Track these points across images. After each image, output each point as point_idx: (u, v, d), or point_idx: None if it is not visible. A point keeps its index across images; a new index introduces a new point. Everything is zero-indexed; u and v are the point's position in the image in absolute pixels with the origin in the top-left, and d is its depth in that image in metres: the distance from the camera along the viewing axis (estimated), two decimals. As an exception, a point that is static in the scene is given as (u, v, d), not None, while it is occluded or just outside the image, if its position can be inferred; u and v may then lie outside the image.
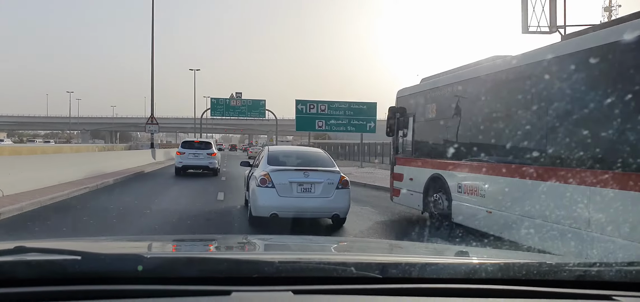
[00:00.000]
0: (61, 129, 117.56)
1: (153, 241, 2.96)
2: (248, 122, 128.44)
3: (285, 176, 7.76)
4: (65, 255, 1.41)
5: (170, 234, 7.12)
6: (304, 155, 8.94)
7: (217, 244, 2.59)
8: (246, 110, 53.58)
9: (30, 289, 1.29)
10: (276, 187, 7.67)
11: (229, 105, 53.21)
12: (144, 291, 1.31)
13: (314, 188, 7.77)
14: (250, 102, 52.97)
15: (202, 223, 8.67)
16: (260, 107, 53.27)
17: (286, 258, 1.63)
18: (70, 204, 10.51)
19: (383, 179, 16.41)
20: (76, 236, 6.92)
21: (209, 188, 14.88)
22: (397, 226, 9.20)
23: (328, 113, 33.43)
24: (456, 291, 1.41)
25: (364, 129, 33.54)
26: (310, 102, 33.82)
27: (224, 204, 11.59)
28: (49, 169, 13.67)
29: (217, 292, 1.32)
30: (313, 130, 34.54)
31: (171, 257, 1.83)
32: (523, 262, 1.58)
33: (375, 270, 1.45)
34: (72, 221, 8.69)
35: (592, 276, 1.48)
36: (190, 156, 20.45)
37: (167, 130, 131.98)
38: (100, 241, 2.69)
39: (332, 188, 7.79)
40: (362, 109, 33.61)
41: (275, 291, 1.34)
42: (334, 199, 7.77)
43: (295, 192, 7.72)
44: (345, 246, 2.99)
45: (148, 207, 10.67)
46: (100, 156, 22.72)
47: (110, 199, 11.83)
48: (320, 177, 7.82)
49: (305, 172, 7.85)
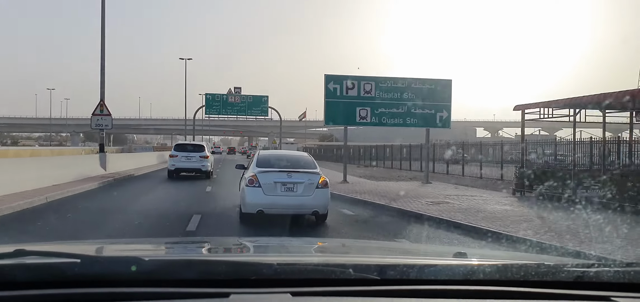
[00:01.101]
0: (48, 131, 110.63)
1: (152, 244, 2.94)
2: (248, 123, 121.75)
3: (270, 176, 8.72)
4: (64, 258, 1.43)
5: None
6: (290, 158, 10.03)
7: (216, 246, 2.59)
8: (246, 108, 46.63)
9: (30, 292, 1.31)
10: (262, 187, 8.61)
11: (227, 102, 46.25)
12: (143, 294, 1.33)
13: (296, 187, 8.75)
14: (250, 99, 45.96)
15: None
16: (262, 105, 46.31)
17: (285, 260, 1.68)
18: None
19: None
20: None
21: (180, 208, 11.69)
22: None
23: (375, 96, 19.46)
24: (454, 292, 1.42)
25: (434, 122, 19.92)
26: (350, 78, 19.50)
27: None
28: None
29: (216, 295, 1.34)
30: (353, 124, 20.41)
31: (170, 259, 1.85)
32: (521, 264, 1.59)
33: (374, 272, 1.46)
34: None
35: (591, 277, 1.49)
36: (182, 159, 20.49)
37: (164, 132, 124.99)
38: (99, 244, 2.73)
39: (312, 187, 8.77)
40: (432, 90, 19.78)
41: (274, 293, 1.36)
42: (314, 197, 8.76)
43: (279, 191, 8.68)
44: (344, 247, 2.95)
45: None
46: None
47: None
48: (302, 177, 8.81)
49: (288, 173, 8.84)
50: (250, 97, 47.34)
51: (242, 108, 47.13)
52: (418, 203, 11.48)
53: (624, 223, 8.38)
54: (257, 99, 47.50)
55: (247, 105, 46.88)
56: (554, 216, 9.47)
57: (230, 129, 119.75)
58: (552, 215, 9.57)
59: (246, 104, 46.73)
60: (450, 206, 11.13)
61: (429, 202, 11.70)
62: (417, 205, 11.19)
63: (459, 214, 9.71)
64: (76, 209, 10.93)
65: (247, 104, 46.84)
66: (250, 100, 46.89)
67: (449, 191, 15.14)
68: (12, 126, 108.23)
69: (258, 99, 47.55)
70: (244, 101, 46.87)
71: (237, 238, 6.30)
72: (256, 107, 46.88)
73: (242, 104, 46.79)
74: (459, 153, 24.54)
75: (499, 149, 21.95)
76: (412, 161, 31.34)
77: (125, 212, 10.90)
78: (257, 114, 47.13)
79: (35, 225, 8.93)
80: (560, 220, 8.77)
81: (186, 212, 10.21)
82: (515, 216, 9.53)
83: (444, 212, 10.06)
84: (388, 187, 16.41)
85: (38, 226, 8.91)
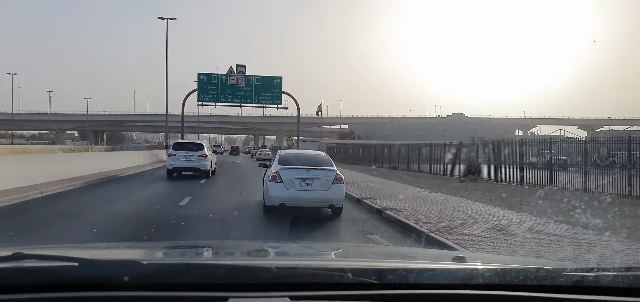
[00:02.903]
0: (31, 128, 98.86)
1: (150, 248, 2.99)
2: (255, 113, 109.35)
3: (291, 173, 9.91)
4: (62, 261, 1.47)
5: None
6: (308, 157, 11.24)
7: (215, 250, 2.60)
8: (252, 94, 33.41)
9: (29, 295, 1.35)
10: (284, 182, 9.80)
11: (226, 85, 33.16)
12: (142, 298, 1.37)
13: (314, 183, 9.91)
14: (258, 81, 32.68)
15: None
16: (273, 89, 32.97)
17: (283, 264, 1.70)
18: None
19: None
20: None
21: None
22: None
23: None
24: (453, 296, 1.45)
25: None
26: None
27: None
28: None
29: (214, 299, 1.37)
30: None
31: (168, 263, 1.87)
32: (520, 268, 1.62)
33: (372, 276, 1.49)
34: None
35: (590, 281, 1.51)
36: (181, 158, 20.47)
37: (160, 129, 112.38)
38: (98, 247, 2.78)
39: (328, 183, 9.94)
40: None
41: (272, 297, 1.39)
42: (331, 192, 9.94)
43: (299, 186, 9.85)
44: (343, 251, 2.97)
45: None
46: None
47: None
48: (319, 174, 10.00)
49: (307, 170, 10.03)
50: (258, 78, 35.10)
51: (247, 94, 34.76)
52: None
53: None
54: (268, 82, 35.08)
55: (254, 89, 34.51)
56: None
57: (233, 125, 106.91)
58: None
59: (252, 87, 34.24)
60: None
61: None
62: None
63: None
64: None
65: (254, 88, 34.46)
66: (258, 83, 34.67)
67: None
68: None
69: (268, 81, 35.11)
70: (249, 84, 34.31)
71: (236, 241, 6.47)
72: (266, 92, 34.37)
73: (247, 88, 34.46)
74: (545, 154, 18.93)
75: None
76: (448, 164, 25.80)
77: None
78: (267, 102, 34.85)
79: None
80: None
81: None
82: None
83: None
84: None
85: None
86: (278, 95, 36.30)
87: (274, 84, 36.26)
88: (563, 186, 17.06)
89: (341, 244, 6.98)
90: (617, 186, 14.84)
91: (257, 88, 35.85)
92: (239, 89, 35.72)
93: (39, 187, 14.01)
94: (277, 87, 36.23)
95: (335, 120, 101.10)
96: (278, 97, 36.38)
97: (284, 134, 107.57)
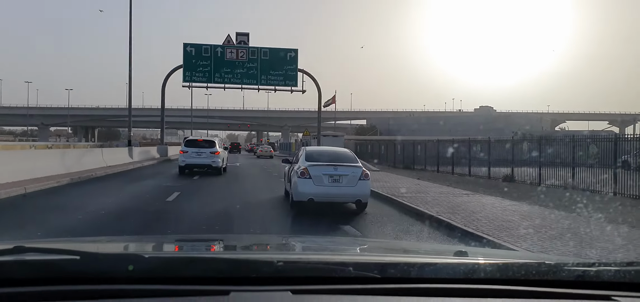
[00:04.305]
0: (9, 124, 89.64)
1: (152, 241, 3.02)
2: (257, 111, 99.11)
3: (319, 169, 10.31)
4: (63, 255, 1.48)
5: None
6: (333, 153, 11.46)
7: (217, 244, 2.63)
8: (257, 72, 22.59)
9: (29, 288, 1.36)
10: (312, 178, 10.19)
11: (222, 60, 22.31)
12: (143, 291, 1.37)
13: (341, 179, 10.26)
14: (265, 54, 21.57)
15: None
16: (285, 65, 22.25)
17: (285, 258, 1.71)
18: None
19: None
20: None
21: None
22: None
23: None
24: (455, 291, 1.47)
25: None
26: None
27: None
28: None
29: (216, 292, 1.37)
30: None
31: (170, 257, 1.90)
32: (522, 262, 1.63)
33: (374, 270, 1.50)
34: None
35: (591, 276, 1.54)
36: (193, 155, 20.56)
37: (153, 125, 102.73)
38: (99, 241, 2.81)
39: (355, 179, 10.28)
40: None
41: (274, 291, 1.40)
42: (357, 187, 10.28)
43: (327, 182, 10.22)
44: (344, 246, 2.98)
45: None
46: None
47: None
48: (346, 171, 10.36)
49: (335, 166, 10.41)
50: (266, 51, 25.46)
51: (250, 72, 24.98)
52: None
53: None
54: (278, 56, 25.62)
55: (260, 66, 24.60)
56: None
57: (234, 120, 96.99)
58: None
59: (257, 63, 24.23)
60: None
61: None
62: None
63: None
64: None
65: (260, 65, 24.63)
66: (266, 57, 24.85)
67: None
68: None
69: (279, 55, 25.61)
70: (253, 59, 24.33)
71: (238, 235, 6.40)
72: (276, 69, 24.56)
73: (251, 65, 24.62)
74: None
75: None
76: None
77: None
78: (278, 83, 24.97)
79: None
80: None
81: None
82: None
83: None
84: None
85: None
86: (292, 73, 26.85)
87: (287, 59, 26.94)
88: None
89: (343, 238, 7.18)
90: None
91: (264, 64, 26.58)
92: (239, 66, 26.52)
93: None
94: (291, 63, 26.91)
95: (353, 114, 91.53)
96: (292, 76, 27.05)
97: (290, 129, 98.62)
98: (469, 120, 74.25)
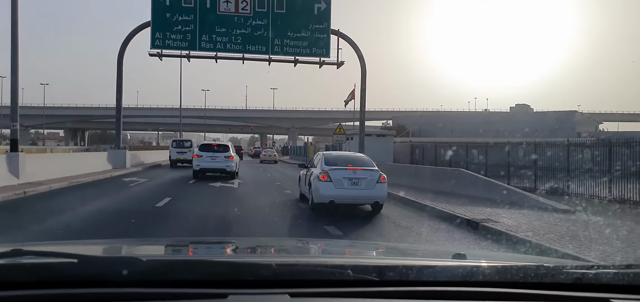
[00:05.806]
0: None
1: (149, 244, 2.97)
2: (262, 111, 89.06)
3: (339, 173, 10.90)
4: (61, 258, 1.49)
5: None
6: (350, 158, 12.34)
7: (214, 247, 2.62)
8: (268, 32, 10.32)
9: (27, 292, 1.37)
10: (333, 182, 10.78)
11: (213, 14, 10.59)
12: (141, 294, 1.39)
13: (360, 182, 10.84)
14: (281, 4, 9.58)
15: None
16: (312, 23, 9.96)
17: (283, 261, 1.74)
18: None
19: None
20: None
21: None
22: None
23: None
24: (453, 293, 1.49)
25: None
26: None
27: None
28: None
29: (214, 295, 1.39)
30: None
31: (168, 260, 1.90)
32: (521, 265, 1.63)
33: (373, 273, 1.51)
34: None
35: (590, 278, 1.54)
36: (207, 159, 20.88)
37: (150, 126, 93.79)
38: (97, 244, 2.80)
39: (373, 182, 10.89)
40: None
41: (272, 294, 1.42)
42: (375, 190, 10.87)
43: (346, 185, 10.81)
44: (343, 248, 3.02)
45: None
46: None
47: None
48: (365, 174, 10.96)
49: (354, 170, 11.07)
50: (282, 1, 14.14)
51: (257, 33, 13.84)
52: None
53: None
54: (301, 9, 14.39)
55: (272, 23, 13.76)
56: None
57: (236, 122, 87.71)
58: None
59: (269, 18, 13.59)
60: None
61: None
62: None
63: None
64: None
65: (272, 21, 13.75)
66: (282, 9, 14.04)
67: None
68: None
69: (303, 7, 14.39)
70: (262, 12, 13.60)
71: (237, 238, 6.49)
72: (297, 30, 13.46)
73: (259, 22, 13.70)
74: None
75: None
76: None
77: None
78: (301, 51, 14.55)
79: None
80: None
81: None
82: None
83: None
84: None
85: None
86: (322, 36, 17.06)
87: (314, 15, 17.03)
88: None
89: (341, 241, 7.21)
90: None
91: (278, 21, 16.88)
92: (240, 23, 16.99)
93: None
94: (321, 21, 17.15)
95: (375, 114, 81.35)
96: (323, 41, 17.09)
97: (297, 131, 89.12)
98: (507, 119, 66.30)
